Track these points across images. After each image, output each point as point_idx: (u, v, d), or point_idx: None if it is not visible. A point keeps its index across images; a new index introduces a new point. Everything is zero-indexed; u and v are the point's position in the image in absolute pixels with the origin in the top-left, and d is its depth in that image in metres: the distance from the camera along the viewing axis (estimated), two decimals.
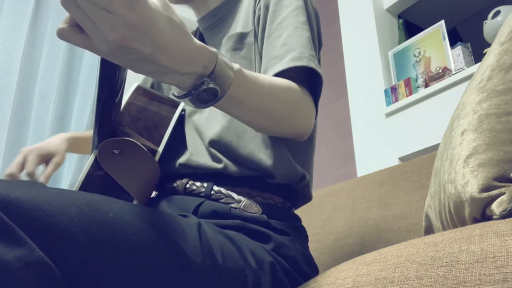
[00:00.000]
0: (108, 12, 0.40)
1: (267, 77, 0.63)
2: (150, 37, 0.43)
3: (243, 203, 0.66)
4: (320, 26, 0.81)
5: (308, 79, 0.70)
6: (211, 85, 0.50)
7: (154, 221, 0.50)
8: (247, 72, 0.58)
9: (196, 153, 0.71)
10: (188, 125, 0.76)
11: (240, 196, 0.67)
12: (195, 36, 0.88)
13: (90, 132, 0.97)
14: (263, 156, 0.68)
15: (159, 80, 0.49)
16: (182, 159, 0.72)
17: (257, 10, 0.77)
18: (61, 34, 0.43)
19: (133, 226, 0.48)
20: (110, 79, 0.57)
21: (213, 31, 0.83)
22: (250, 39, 0.76)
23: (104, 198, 0.49)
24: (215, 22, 0.83)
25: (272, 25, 0.74)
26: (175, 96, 0.53)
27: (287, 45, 0.69)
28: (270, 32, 0.73)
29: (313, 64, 0.68)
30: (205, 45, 0.50)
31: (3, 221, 0.37)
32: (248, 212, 0.65)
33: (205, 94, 0.51)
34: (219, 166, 0.68)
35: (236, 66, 0.55)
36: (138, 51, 0.43)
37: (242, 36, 0.77)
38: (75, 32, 0.44)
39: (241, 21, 0.79)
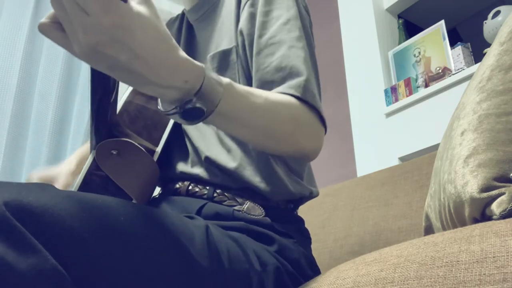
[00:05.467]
0: (86, 14, 0.39)
1: (263, 92, 0.60)
2: (126, 45, 0.42)
3: (246, 206, 0.66)
4: (311, 23, 0.76)
5: (308, 104, 0.65)
6: (197, 104, 0.49)
7: (163, 224, 0.50)
8: (239, 87, 0.55)
9: (195, 164, 0.71)
10: (185, 131, 0.75)
11: (243, 199, 0.67)
12: (181, 27, 0.85)
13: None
14: (259, 184, 0.67)
15: (139, 89, 0.48)
16: (182, 167, 0.71)
17: (241, 18, 0.71)
18: (42, 28, 0.43)
19: (144, 229, 0.48)
20: (102, 78, 0.57)
21: (202, 24, 0.81)
22: (233, 56, 0.71)
23: (114, 201, 0.48)
24: (203, 15, 0.81)
25: (261, 40, 0.68)
26: (162, 112, 0.51)
27: (283, 70, 0.64)
28: (260, 47, 0.67)
29: (310, 97, 0.63)
30: (191, 60, 0.49)
31: (17, 229, 0.37)
32: (251, 214, 0.65)
33: (191, 111, 0.49)
34: (217, 180, 0.68)
35: (226, 81, 0.53)
36: (112, 57, 0.42)
37: (225, 54, 0.72)
38: (55, 29, 0.43)
39: (226, 32, 0.74)
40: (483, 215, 0.46)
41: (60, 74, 1.96)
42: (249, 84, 0.70)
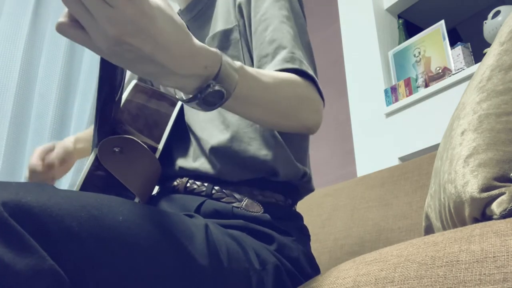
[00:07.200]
0: (109, 5, 0.39)
1: (269, 71, 0.61)
2: (150, 35, 0.41)
3: (245, 202, 0.66)
4: (303, 5, 0.78)
5: (305, 76, 0.68)
6: (216, 88, 0.49)
7: (162, 223, 0.50)
8: (249, 68, 0.56)
9: (196, 157, 0.71)
10: (189, 125, 0.75)
11: (241, 195, 0.67)
12: None
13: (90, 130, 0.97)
14: (265, 157, 0.68)
15: (159, 82, 0.47)
16: (182, 162, 0.72)
17: (237, 2, 0.75)
18: (60, 29, 0.42)
19: (142, 229, 0.48)
20: (110, 77, 0.57)
21: (196, 23, 0.82)
22: (235, 35, 0.74)
23: (113, 200, 0.48)
24: (197, 14, 0.82)
25: (255, 18, 0.72)
26: (182, 101, 0.51)
27: (275, 42, 0.68)
28: (255, 26, 0.71)
29: (304, 67, 0.66)
30: (206, 45, 0.49)
31: (15, 229, 0.37)
32: (250, 211, 0.65)
33: (211, 96, 0.49)
34: (219, 173, 0.68)
35: (238, 64, 0.54)
36: (137, 48, 0.42)
37: (226, 33, 0.74)
38: (75, 27, 0.42)
39: (222, 16, 0.77)
40: (483, 215, 0.46)
41: (60, 74, 1.96)
42: (252, 60, 0.73)
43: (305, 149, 0.77)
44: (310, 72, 0.67)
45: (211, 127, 0.71)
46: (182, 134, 0.75)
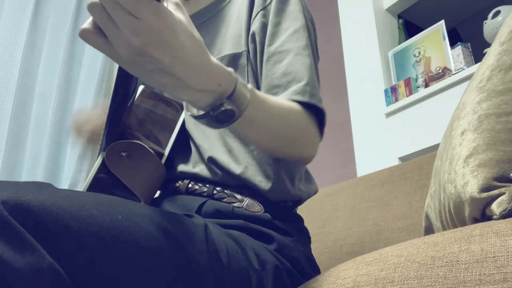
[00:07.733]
0: (134, 17, 0.40)
1: (276, 99, 0.62)
2: (171, 47, 0.42)
3: (246, 202, 0.67)
4: (316, 37, 0.79)
5: (311, 109, 0.69)
6: (229, 107, 0.50)
7: (162, 223, 0.51)
8: (259, 92, 0.57)
9: (195, 163, 0.72)
10: (189, 131, 0.76)
11: (242, 196, 0.67)
12: None
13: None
14: (259, 183, 0.68)
15: (173, 95, 0.49)
16: (183, 167, 0.72)
17: (252, 28, 0.74)
18: (83, 35, 0.43)
19: (142, 228, 0.48)
20: (126, 84, 0.58)
21: (201, 31, 0.83)
22: (243, 60, 0.74)
23: (113, 199, 0.49)
24: (204, 22, 0.83)
25: (270, 48, 0.71)
26: (193, 117, 0.52)
27: (289, 75, 0.68)
28: (268, 55, 0.71)
29: (314, 100, 0.67)
30: (221, 64, 0.50)
31: (14, 228, 0.37)
32: (251, 211, 0.66)
33: (223, 115, 0.50)
34: (217, 178, 0.69)
35: (249, 86, 0.55)
36: (157, 60, 0.42)
37: (235, 57, 0.74)
38: (98, 35, 0.43)
39: (232, 38, 0.76)
40: (483, 215, 0.46)
41: (60, 74, 1.96)
42: (257, 87, 0.73)
43: (301, 169, 0.77)
44: (319, 105, 0.68)
45: (211, 141, 0.72)
46: (183, 140, 0.75)
